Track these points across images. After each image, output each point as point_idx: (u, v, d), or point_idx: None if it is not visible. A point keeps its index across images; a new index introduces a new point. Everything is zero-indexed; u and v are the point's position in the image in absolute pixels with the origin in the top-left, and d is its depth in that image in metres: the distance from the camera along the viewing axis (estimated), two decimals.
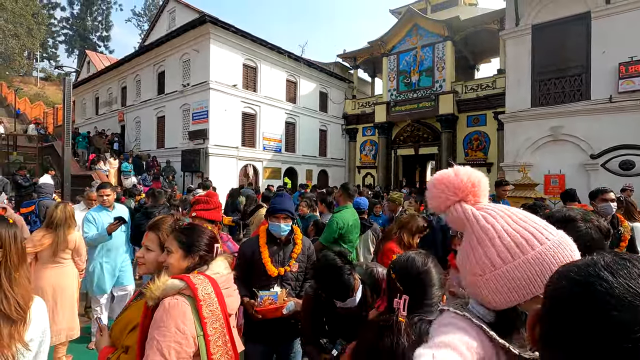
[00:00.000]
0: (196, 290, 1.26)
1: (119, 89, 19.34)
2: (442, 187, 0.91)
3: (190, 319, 1.22)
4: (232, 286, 1.48)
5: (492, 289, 0.78)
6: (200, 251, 1.46)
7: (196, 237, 1.47)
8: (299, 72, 17.52)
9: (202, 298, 1.25)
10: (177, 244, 1.45)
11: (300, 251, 2.36)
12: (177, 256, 1.43)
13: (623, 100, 9.25)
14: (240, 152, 14.86)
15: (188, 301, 1.25)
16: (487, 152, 14.99)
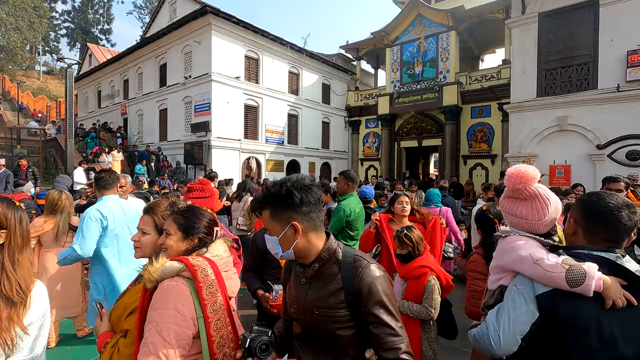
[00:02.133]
0: (195, 272, 1.23)
1: (121, 82, 19.30)
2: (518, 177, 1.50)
3: (190, 301, 1.19)
4: (232, 269, 1.46)
5: (543, 225, 1.44)
6: (199, 233, 1.43)
7: (195, 219, 1.44)
8: (301, 64, 17.38)
9: (201, 280, 1.23)
10: (176, 226, 1.42)
11: None
12: (175, 238, 1.41)
13: (631, 89, 9.09)
14: (243, 145, 14.83)
15: (187, 283, 1.22)
16: (491, 143, 14.85)
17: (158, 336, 1.11)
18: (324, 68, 18.67)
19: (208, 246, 1.43)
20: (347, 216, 3.15)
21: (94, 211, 2.77)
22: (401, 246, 2.47)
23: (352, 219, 3.19)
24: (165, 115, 16.25)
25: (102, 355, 1.35)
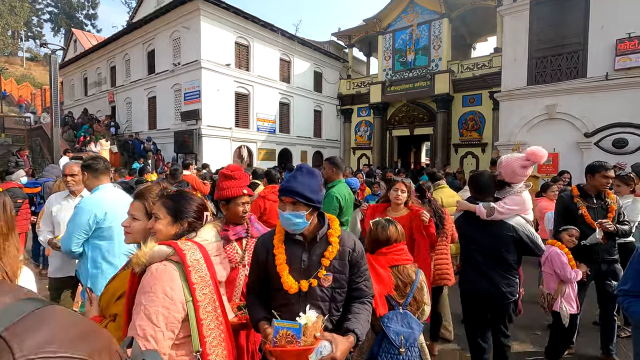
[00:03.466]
0: (184, 256, 1.23)
1: (108, 69, 18.83)
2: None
3: (179, 285, 1.19)
4: (222, 254, 1.46)
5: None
6: (188, 218, 1.43)
7: (184, 204, 1.44)
8: (292, 51, 17.14)
9: (190, 264, 1.23)
10: (165, 210, 1.41)
11: (337, 255, 1.54)
12: (164, 222, 1.40)
13: (619, 78, 9.19)
14: (234, 133, 14.68)
15: (176, 267, 1.22)
16: (482, 132, 14.96)
17: (146, 319, 1.11)
18: (315, 55, 18.45)
19: (197, 231, 1.43)
20: (338, 202, 3.16)
21: (89, 203, 2.42)
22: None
23: (343, 204, 3.21)
24: (154, 103, 15.96)
25: None
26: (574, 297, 2.89)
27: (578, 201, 3.04)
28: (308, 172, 1.55)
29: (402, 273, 1.99)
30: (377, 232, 2.08)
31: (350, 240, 1.62)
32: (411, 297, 1.96)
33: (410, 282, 1.98)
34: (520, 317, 4.05)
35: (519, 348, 3.39)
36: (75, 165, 2.81)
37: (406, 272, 2.00)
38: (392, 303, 1.94)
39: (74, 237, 2.37)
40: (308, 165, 1.54)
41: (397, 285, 1.96)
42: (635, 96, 9.03)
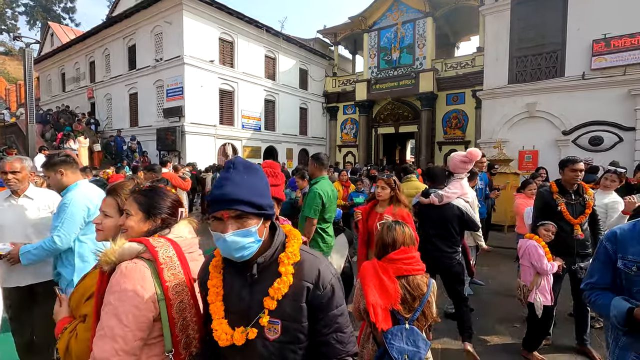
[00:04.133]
0: (156, 253, 1.19)
1: (87, 64, 18.28)
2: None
3: (150, 282, 1.15)
4: (197, 250, 1.42)
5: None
6: (162, 214, 1.37)
7: (157, 199, 1.39)
8: (278, 48, 17.02)
9: (162, 261, 1.19)
10: (137, 205, 1.36)
11: (289, 293, 1.06)
12: (136, 219, 1.35)
13: (595, 77, 9.49)
14: (218, 131, 14.49)
15: (147, 265, 1.18)
16: (465, 130, 15.21)
17: (115, 319, 1.07)
18: (301, 53, 18.37)
19: (171, 227, 1.38)
20: (321, 198, 3.15)
21: (81, 196, 2.33)
22: None
23: (326, 201, 3.20)
24: (135, 99, 15.60)
25: (59, 341, 1.30)
26: (549, 289, 2.97)
27: (557, 197, 3.11)
28: (245, 167, 1.07)
29: (411, 284, 1.75)
30: (382, 233, 1.87)
31: (313, 270, 1.08)
32: (420, 312, 1.73)
33: (420, 295, 1.73)
34: (498, 310, 4.16)
35: (498, 340, 3.46)
36: (16, 161, 2.49)
37: (416, 283, 1.76)
38: (397, 317, 1.72)
39: (72, 233, 2.30)
40: (242, 158, 1.13)
41: (404, 299, 1.71)
42: (610, 95, 9.34)
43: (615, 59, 9.19)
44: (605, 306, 1.43)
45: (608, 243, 1.51)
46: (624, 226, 1.54)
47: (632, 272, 1.41)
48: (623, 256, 1.44)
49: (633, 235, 1.45)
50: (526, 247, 2.99)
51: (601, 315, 1.59)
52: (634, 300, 1.36)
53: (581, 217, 3.08)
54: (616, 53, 9.19)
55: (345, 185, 6.50)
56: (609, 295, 1.47)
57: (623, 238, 1.47)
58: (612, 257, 1.48)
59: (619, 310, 1.34)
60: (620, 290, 1.47)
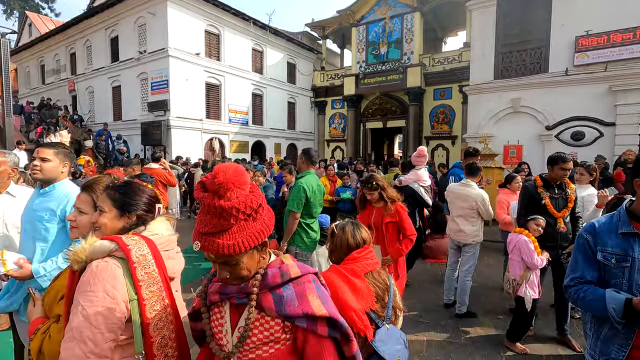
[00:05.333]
0: (129, 251, 1.14)
1: (68, 56, 17.72)
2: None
3: (122, 282, 1.10)
4: (175, 248, 1.37)
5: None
6: (137, 210, 1.32)
7: (132, 195, 1.34)
8: (265, 41, 16.80)
9: (135, 260, 1.14)
10: (111, 202, 1.31)
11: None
12: (110, 216, 1.30)
13: (578, 74, 9.66)
14: (205, 125, 14.28)
15: (120, 263, 1.13)
16: (452, 125, 15.35)
17: (84, 321, 1.02)
18: (289, 46, 18.18)
19: (147, 224, 1.33)
20: (305, 192, 3.12)
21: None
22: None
23: (310, 196, 3.17)
24: (119, 92, 15.21)
25: (32, 342, 1.25)
26: (537, 283, 3.02)
27: (542, 191, 3.16)
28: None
29: (377, 279, 1.65)
30: (347, 235, 1.70)
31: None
32: (391, 306, 1.65)
33: (387, 288, 1.65)
34: (484, 302, 4.23)
35: (482, 332, 3.52)
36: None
37: (382, 277, 1.67)
38: (374, 319, 1.57)
39: None
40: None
41: (377, 296, 1.62)
42: (592, 91, 9.54)
43: (597, 55, 9.38)
44: (597, 301, 1.39)
45: (588, 235, 1.51)
46: (601, 219, 1.54)
47: (611, 264, 1.42)
48: (602, 248, 1.45)
49: (610, 227, 1.46)
50: (517, 242, 3.02)
51: (590, 310, 1.49)
52: (623, 292, 1.36)
53: (564, 211, 3.14)
54: (598, 50, 9.37)
55: (332, 180, 6.49)
56: (597, 290, 1.43)
57: (601, 230, 1.48)
58: (593, 250, 1.48)
59: (617, 303, 1.31)
60: (603, 283, 1.46)
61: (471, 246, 3.84)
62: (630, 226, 1.40)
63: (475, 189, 3.76)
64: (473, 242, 3.82)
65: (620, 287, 1.39)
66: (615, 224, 1.45)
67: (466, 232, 3.81)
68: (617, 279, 1.40)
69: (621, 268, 1.39)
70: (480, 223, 3.84)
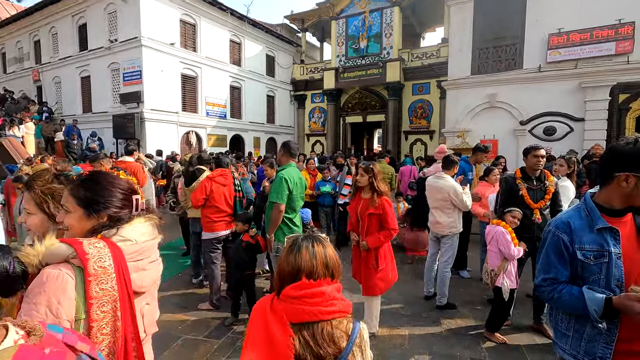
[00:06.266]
0: (86, 261, 0.98)
1: (31, 43, 16.70)
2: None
3: (71, 298, 0.96)
4: (151, 257, 1.20)
5: None
6: (108, 208, 1.14)
7: (99, 191, 1.15)
8: (243, 32, 16.41)
9: (92, 272, 0.99)
10: (74, 200, 1.14)
11: None
12: (76, 216, 1.13)
13: (550, 70, 9.97)
14: (181, 118, 13.84)
15: (75, 273, 0.98)
16: (430, 120, 15.57)
17: None
18: (267, 38, 17.86)
19: (124, 223, 1.15)
20: (287, 183, 3.04)
21: None
22: None
23: (292, 188, 3.09)
24: (88, 83, 14.49)
25: None
26: (515, 273, 3.07)
27: (519, 182, 3.22)
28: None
29: (318, 337, 1.05)
30: (282, 256, 1.17)
31: None
32: None
33: (334, 353, 1.05)
34: (462, 293, 4.29)
35: (462, 323, 3.56)
36: None
37: (327, 334, 1.06)
38: None
39: None
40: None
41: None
42: (564, 87, 9.88)
43: (568, 53, 9.70)
44: (575, 301, 1.37)
45: (563, 235, 1.44)
46: (571, 214, 1.47)
47: (591, 262, 1.38)
48: (581, 246, 1.40)
49: (583, 223, 1.42)
50: (494, 234, 3.06)
51: (568, 310, 1.47)
52: (597, 289, 1.34)
53: (541, 202, 3.20)
54: (569, 47, 9.69)
55: (312, 174, 6.41)
56: (572, 289, 1.40)
57: (575, 227, 1.42)
58: (569, 249, 1.42)
59: (598, 304, 1.30)
60: (573, 279, 1.44)
61: (449, 237, 3.87)
62: (603, 221, 1.37)
63: (448, 181, 3.77)
64: (450, 233, 3.85)
65: (598, 282, 1.37)
66: (586, 220, 1.42)
67: (443, 224, 3.84)
68: (595, 275, 1.37)
69: (599, 264, 1.37)
70: (457, 214, 3.86)
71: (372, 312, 3.24)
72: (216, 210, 3.82)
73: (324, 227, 6.25)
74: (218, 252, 3.96)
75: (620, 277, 1.34)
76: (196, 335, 3.30)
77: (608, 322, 1.32)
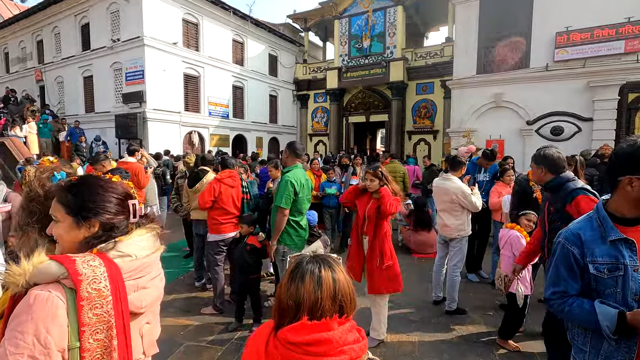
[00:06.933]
0: (79, 282, 0.87)
1: (34, 43, 16.67)
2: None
3: (61, 325, 0.85)
4: (151, 273, 1.07)
5: None
6: (99, 215, 1.00)
7: (89, 195, 1.02)
8: (246, 32, 16.33)
9: (86, 296, 0.88)
10: (62, 207, 1.00)
11: None
12: (64, 225, 1.00)
13: (557, 69, 9.82)
14: (183, 118, 13.76)
15: (66, 295, 0.87)
16: (433, 119, 15.42)
17: None
18: (270, 38, 17.76)
19: (118, 240, 1.01)
20: (293, 187, 2.94)
21: None
22: None
23: (298, 190, 2.99)
24: (90, 83, 14.44)
25: None
26: (529, 278, 2.96)
27: (533, 185, 3.10)
28: None
29: None
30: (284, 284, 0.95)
31: None
32: None
33: None
34: (472, 298, 4.18)
35: (473, 329, 3.45)
36: None
37: None
38: None
39: None
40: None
41: None
42: (571, 86, 9.73)
43: (576, 51, 9.55)
44: (586, 315, 1.29)
45: (573, 247, 1.35)
46: (582, 225, 1.38)
47: (604, 276, 1.28)
48: (593, 259, 1.30)
49: (595, 234, 1.32)
50: (508, 238, 2.94)
51: (579, 323, 1.39)
52: (613, 303, 1.25)
53: None
54: (577, 46, 9.54)
55: (317, 175, 6.30)
56: (583, 303, 1.32)
57: (586, 239, 1.33)
58: (580, 263, 1.34)
59: (611, 320, 1.22)
60: (587, 292, 1.35)
61: (457, 240, 3.76)
62: (617, 232, 1.27)
63: (455, 182, 3.66)
64: (458, 236, 3.73)
65: (614, 297, 1.28)
66: (598, 230, 1.32)
67: (451, 226, 3.72)
68: (610, 289, 1.28)
69: (614, 278, 1.27)
70: (466, 217, 3.74)
71: (380, 317, 3.14)
72: (224, 212, 3.74)
73: (328, 228, 6.15)
74: (223, 255, 3.87)
75: (638, 291, 1.24)
76: (199, 342, 3.21)
77: (624, 339, 1.23)
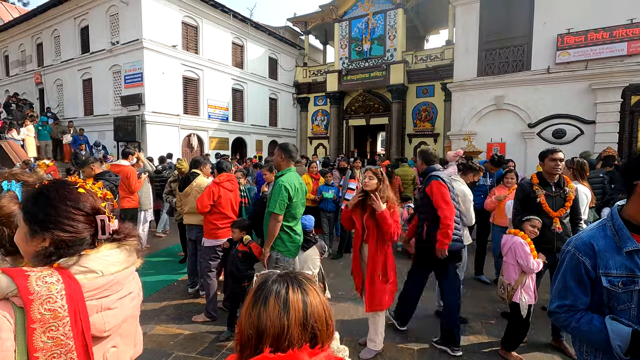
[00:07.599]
0: (29, 303, 0.76)
1: (34, 46, 16.66)
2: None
3: (9, 350, 0.74)
4: (121, 292, 0.94)
5: None
6: (48, 230, 0.88)
7: (44, 206, 0.90)
8: (245, 35, 16.29)
9: (37, 318, 0.76)
10: (22, 214, 0.92)
11: None
12: (21, 234, 0.91)
13: (559, 72, 9.72)
14: (182, 121, 13.68)
15: (16, 316, 0.76)
16: (434, 122, 15.32)
17: None
18: (270, 41, 17.72)
19: (84, 251, 0.89)
20: (287, 191, 2.82)
21: None
22: None
23: (292, 195, 2.87)
24: (89, 85, 14.39)
25: None
26: (533, 287, 2.83)
27: (537, 189, 2.98)
28: None
29: None
30: (245, 309, 0.79)
31: None
32: None
33: None
34: (474, 304, 4.04)
35: (474, 339, 3.32)
36: None
37: None
38: None
39: None
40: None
41: None
42: (573, 89, 9.62)
43: (578, 54, 9.45)
44: (596, 333, 1.18)
45: (585, 258, 1.23)
46: (594, 232, 1.26)
47: (618, 290, 1.17)
48: (606, 272, 1.19)
49: (608, 243, 1.21)
50: (512, 244, 2.81)
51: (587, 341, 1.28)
52: (626, 320, 1.14)
53: (561, 210, 2.96)
54: (579, 48, 9.44)
55: (315, 178, 6.19)
56: (593, 318, 1.21)
57: (600, 249, 1.21)
58: (591, 274, 1.23)
59: (624, 339, 1.10)
60: (598, 306, 1.23)
61: None
62: (634, 241, 1.16)
63: (460, 185, 3.55)
64: None
65: (628, 313, 1.16)
66: (612, 239, 1.20)
67: None
68: (625, 304, 1.17)
69: (629, 292, 1.16)
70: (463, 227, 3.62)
71: (378, 328, 3.01)
72: (222, 216, 3.63)
73: (326, 233, 6.02)
74: (217, 261, 3.75)
75: None
76: (188, 352, 3.08)
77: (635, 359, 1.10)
